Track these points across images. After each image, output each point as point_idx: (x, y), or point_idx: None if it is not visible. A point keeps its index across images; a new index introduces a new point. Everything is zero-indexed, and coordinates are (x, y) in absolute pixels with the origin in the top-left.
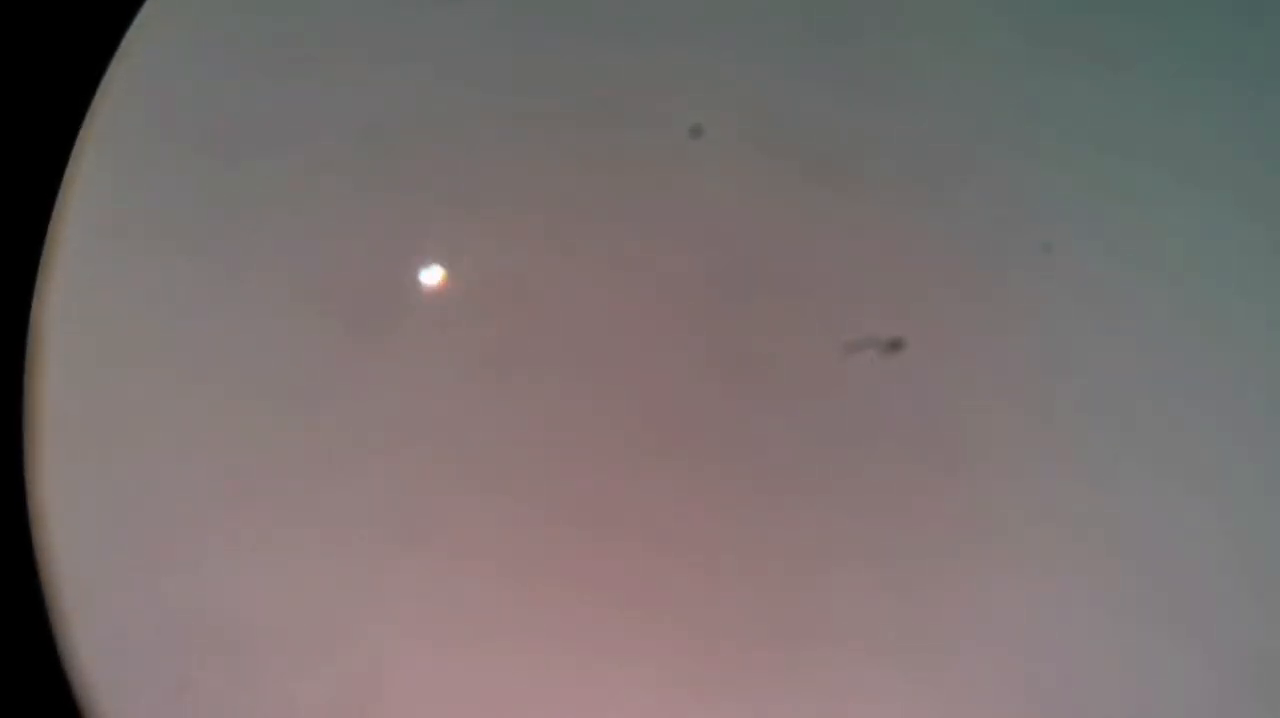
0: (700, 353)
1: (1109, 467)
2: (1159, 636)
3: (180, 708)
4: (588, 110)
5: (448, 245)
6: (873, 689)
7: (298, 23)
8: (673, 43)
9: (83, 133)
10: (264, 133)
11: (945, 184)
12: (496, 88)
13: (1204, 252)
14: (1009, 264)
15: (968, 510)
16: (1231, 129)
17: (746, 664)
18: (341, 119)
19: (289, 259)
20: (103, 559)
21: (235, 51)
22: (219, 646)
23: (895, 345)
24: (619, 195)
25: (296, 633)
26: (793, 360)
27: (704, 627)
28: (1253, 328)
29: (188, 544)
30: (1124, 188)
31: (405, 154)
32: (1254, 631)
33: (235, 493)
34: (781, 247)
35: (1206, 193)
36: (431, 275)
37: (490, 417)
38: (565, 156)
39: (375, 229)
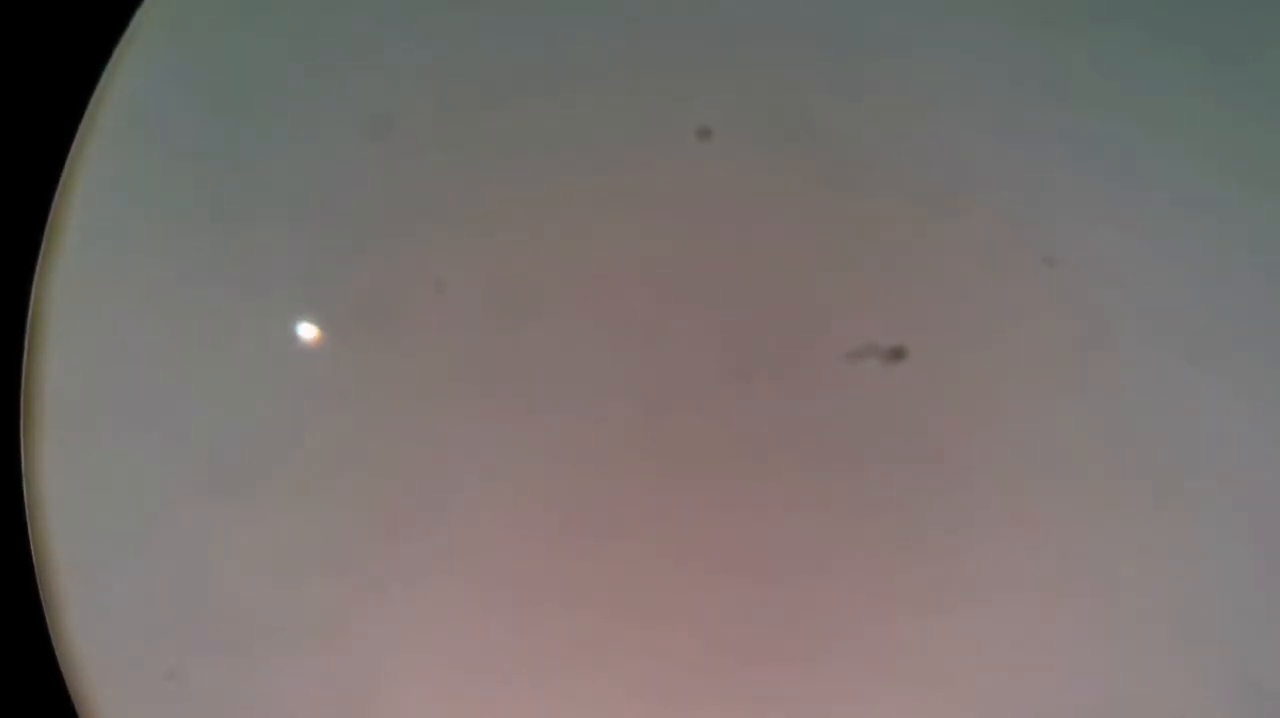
0: (702, 357)
1: (1111, 482)
2: (1157, 653)
3: (172, 699)
4: (595, 110)
5: (451, 245)
6: (869, 700)
7: (300, 18)
8: (681, 43)
9: (84, 124)
10: (265, 126)
11: (951, 194)
12: (503, 88)
13: (1207, 267)
14: (1012, 276)
15: (968, 521)
16: (1236, 145)
17: (743, 672)
18: (344, 117)
19: (289, 255)
20: (99, 550)
21: (237, 42)
22: (213, 638)
23: (897, 354)
24: (625, 196)
25: (292, 628)
26: (794, 367)
27: (701, 635)
28: (1257, 344)
29: (184, 538)
30: (1127, 203)
31: (409, 152)
32: (1257, 651)
33: (232, 488)
34: (786, 251)
35: (1210, 209)
36: (434, 275)
37: (490, 417)
38: (571, 156)
39: (376, 227)
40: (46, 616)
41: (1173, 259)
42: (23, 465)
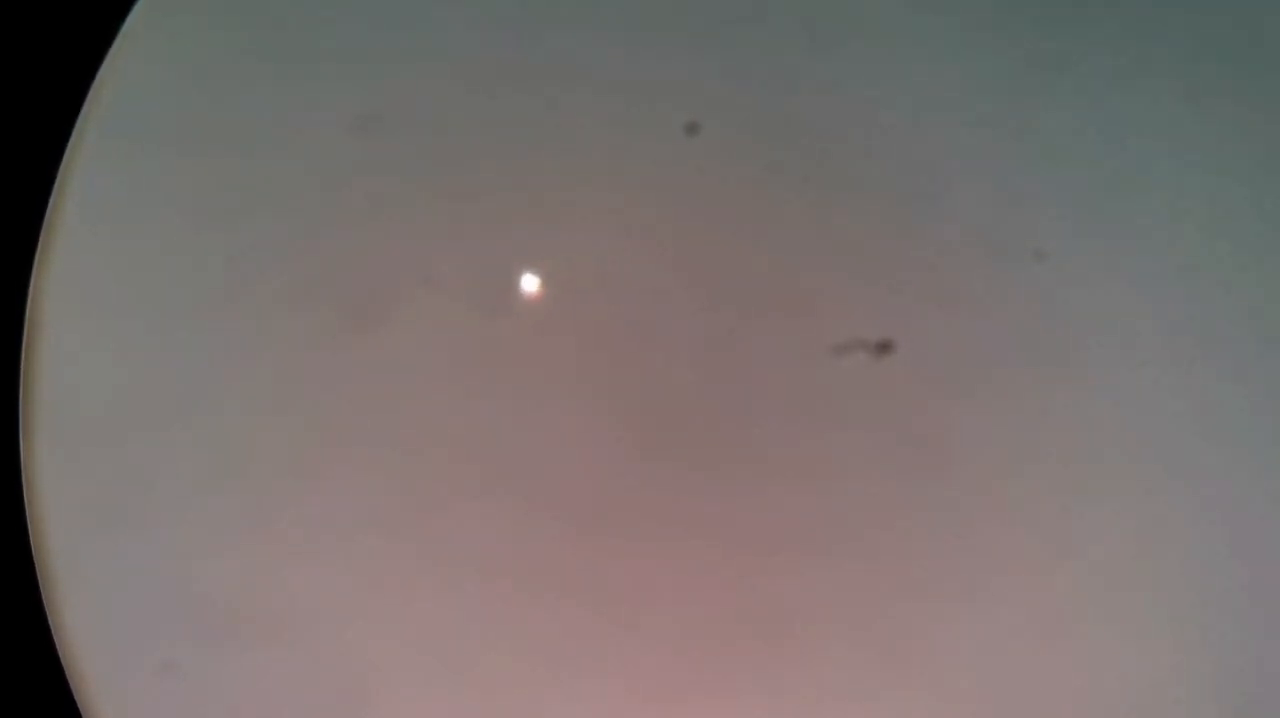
0: (689, 352)
1: (1099, 474)
2: (1147, 645)
3: (168, 691)
4: (583, 105)
5: (441, 242)
6: (858, 693)
7: (294, 16)
8: (670, 39)
9: (79, 125)
10: (258, 126)
11: (939, 187)
12: (490, 83)
13: (1197, 259)
14: (1001, 269)
15: (956, 514)
16: (1225, 136)
17: (738, 665)
18: (336, 115)
19: (285, 253)
20: (97, 546)
21: (233, 42)
22: (210, 632)
23: (884, 348)
24: (613, 190)
25: (289, 623)
26: (782, 361)
27: (695, 628)
28: (1247, 335)
29: (181, 533)
30: (1117, 195)
31: (400, 150)
32: (1247, 642)
33: (229, 484)
34: (773, 246)
35: (1200, 200)
36: (424, 272)
37: (482, 414)
38: (559, 151)
39: (370, 225)
40: (46, 610)
41: (1162, 252)
42: (23, 465)
